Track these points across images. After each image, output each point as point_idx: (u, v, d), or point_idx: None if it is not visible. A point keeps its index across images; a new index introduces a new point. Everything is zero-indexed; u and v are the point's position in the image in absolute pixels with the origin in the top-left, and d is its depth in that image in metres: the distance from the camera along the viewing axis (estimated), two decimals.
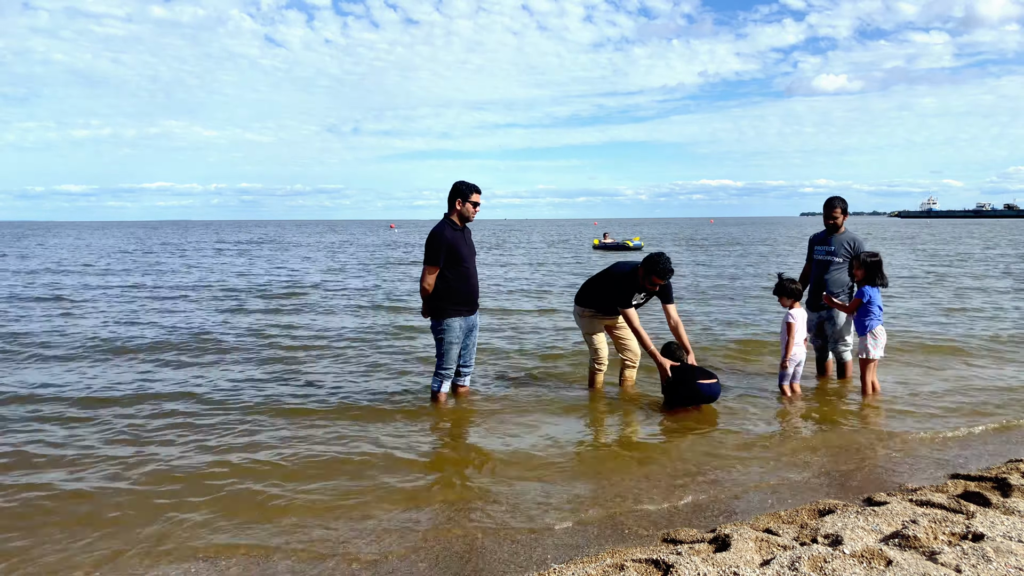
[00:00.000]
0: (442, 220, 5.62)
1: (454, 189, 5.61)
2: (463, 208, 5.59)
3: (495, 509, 3.86)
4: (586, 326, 6.26)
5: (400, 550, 3.39)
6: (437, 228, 5.55)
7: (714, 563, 2.91)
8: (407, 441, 4.98)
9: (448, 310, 5.54)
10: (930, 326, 9.80)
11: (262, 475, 4.36)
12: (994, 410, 5.68)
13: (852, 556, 2.93)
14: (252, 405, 5.91)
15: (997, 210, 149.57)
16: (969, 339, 8.76)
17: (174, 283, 17.24)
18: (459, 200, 5.58)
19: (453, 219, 5.61)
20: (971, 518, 3.35)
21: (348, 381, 6.80)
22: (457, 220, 5.62)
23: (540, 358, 7.83)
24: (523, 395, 6.23)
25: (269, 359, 7.85)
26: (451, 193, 5.62)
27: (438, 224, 5.59)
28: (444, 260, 5.48)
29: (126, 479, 4.31)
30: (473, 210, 5.61)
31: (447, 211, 5.65)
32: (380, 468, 4.46)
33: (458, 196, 5.58)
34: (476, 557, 3.34)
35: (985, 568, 2.80)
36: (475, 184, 5.63)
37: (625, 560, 3.04)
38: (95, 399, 6.12)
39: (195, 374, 7.15)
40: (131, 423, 5.43)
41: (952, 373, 7.02)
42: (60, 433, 5.20)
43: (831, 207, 6.46)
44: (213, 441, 5.00)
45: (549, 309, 12.11)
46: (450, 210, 5.63)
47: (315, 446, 4.88)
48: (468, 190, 5.59)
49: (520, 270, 21.57)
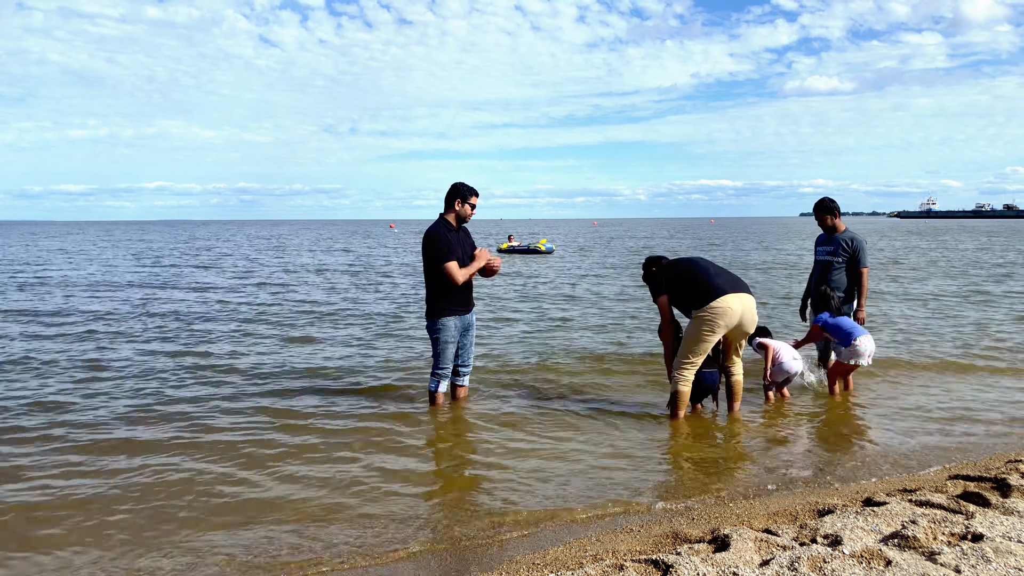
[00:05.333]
0: (437, 220, 5.62)
1: (453, 190, 5.62)
2: (461, 209, 5.61)
3: (494, 510, 3.86)
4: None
5: (393, 556, 3.39)
6: (433, 229, 5.54)
7: (713, 563, 2.90)
8: (403, 444, 4.97)
9: (444, 309, 5.55)
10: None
11: (253, 482, 4.32)
12: (994, 412, 5.68)
13: (851, 556, 2.93)
14: (239, 409, 5.88)
15: (996, 210, 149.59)
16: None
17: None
18: (458, 201, 5.60)
19: (449, 219, 5.61)
20: (970, 518, 3.35)
21: (345, 383, 6.80)
22: (453, 221, 5.62)
23: (539, 360, 7.83)
24: (519, 397, 6.23)
25: (263, 362, 7.84)
26: (450, 193, 5.63)
27: (433, 225, 5.59)
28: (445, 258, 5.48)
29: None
30: (471, 212, 5.64)
31: (443, 211, 5.65)
32: (376, 473, 4.45)
33: (457, 197, 5.60)
34: (473, 557, 3.34)
35: (985, 568, 2.80)
36: (473, 186, 5.66)
37: (624, 560, 3.04)
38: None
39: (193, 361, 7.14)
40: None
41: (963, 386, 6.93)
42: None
43: (820, 215, 6.46)
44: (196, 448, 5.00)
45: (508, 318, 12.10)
46: (447, 210, 5.63)
47: (312, 450, 4.86)
48: (468, 192, 5.62)
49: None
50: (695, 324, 5.22)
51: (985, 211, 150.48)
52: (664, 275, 5.44)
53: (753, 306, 5.30)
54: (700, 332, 5.20)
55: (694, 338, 5.23)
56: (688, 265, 5.44)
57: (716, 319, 5.12)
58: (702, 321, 5.16)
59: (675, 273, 5.42)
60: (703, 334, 5.19)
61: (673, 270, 5.45)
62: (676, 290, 5.37)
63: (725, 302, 5.10)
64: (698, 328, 5.20)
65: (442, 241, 5.46)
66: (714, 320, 5.12)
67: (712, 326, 5.15)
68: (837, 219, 6.43)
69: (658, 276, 5.46)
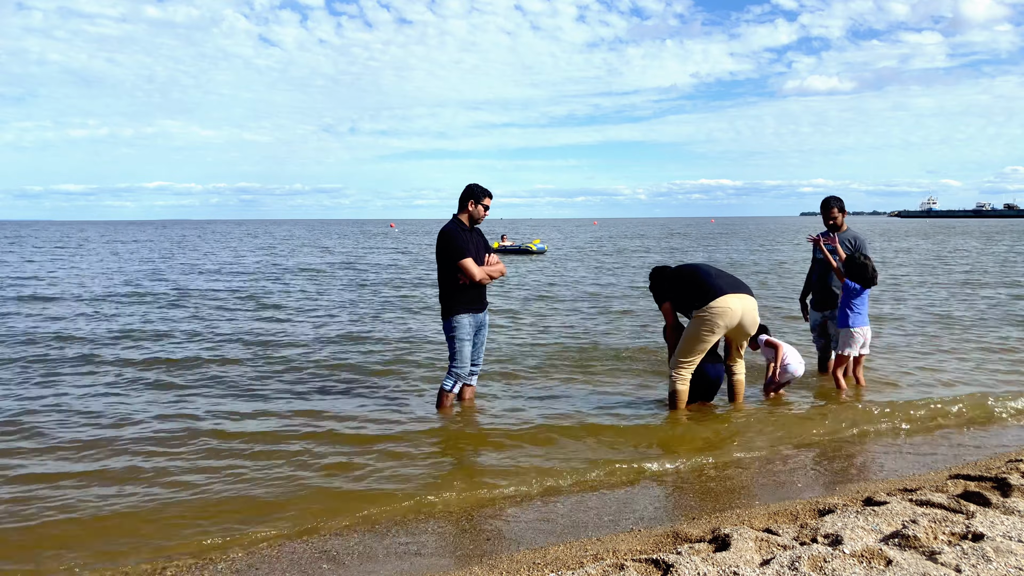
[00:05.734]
0: (451, 221, 5.64)
1: (468, 191, 5.65)
2: (475, 210, 5.63)
3: (491, 512, 3.86)
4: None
5: (394, 559, 3.39)
6: (448, 228, 5.56)
7: (714, 563, 2.91)
8: (405, 443, 4.96)
9: (458, 307, 5.55)
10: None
11: (255, 481, 4.32)
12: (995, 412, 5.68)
13: (852, 556, 2.93)
14: (241, 413, 5.88)
15: (997, 210, 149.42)
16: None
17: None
18: (471, 202, 5.62)
19: (462, 219, 5.64)
20: (971, 518, 3.35)
21: (349, 385, 6.80)
22: (466, 221, 5.65)
23: (539, 359, 7.83)
24: (519, 398, 6.23)
25: (267, 367, 7.84)
26: (464, 194, 5.65)
27: (447, 225, 5.61)
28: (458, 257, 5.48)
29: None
30: (484, 213, 5.67)
31: (456, 211, 5.67)
32: (375, 474, 4.44)
33: (471, 198, 5.62)
34: (474, 557, 3.34)
35: (985, 568, 2.80)
36: (487, 188, 5.70)
37: (625, 559, 3.04)
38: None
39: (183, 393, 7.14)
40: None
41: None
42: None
43: (828, 207, 6.50)
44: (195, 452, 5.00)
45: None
46: (460, 210, 5.66)
47: (307, 453, 4.83)
48: (482, 193, 5.65)
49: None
50: (695, 324, 5.26)
51: (986, 211, 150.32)
52: (667, 281, 5.56)
53: (754, 307, 5.33)
54: (699, 332, 5.24)
55: (693, 338, 5.27)
56: (690, 269, 5.56)
57: (716, 319, 5.15)
58: (702, 321, 5.20)
59: (677, 277, 5.54)
60: (702, 334, 5.23)
61: (675, 275, 5.57)
62: (678, 293, 5.46)
63: (725, 302, 5.14)
64: (698, 328, 5.24)
65: (457, 239, 5.48)
66: (713, 320, 5.16)
67: (712, 326, 5.18)
68: (843, 216, 6.50)
69: (661, 283, 5.59)
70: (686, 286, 5.40)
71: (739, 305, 5.21)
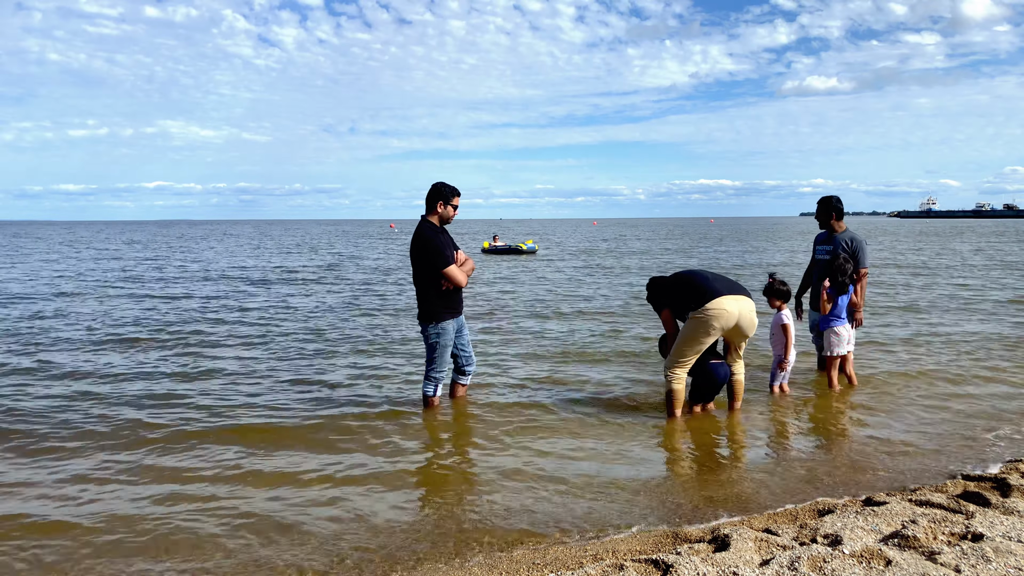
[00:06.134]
0: (422, 223, 5.49)
1: (435, 191, 5.49)
2: (444, 211, 5.49)
3: (490, 512, 3.86)
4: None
5: (386, 565, 3.39)
6: (424, 233, 5.42)
7: (714, 563, 2.90)
8: (398, 451, 4.94)
9: (442, 313, 5.47)
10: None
11: (243, 489, 4.34)
12: (994, 413, 5.68)
13: (852, 556, 2.93)
14: (224, 420, 5.87)
15: (997, 210, 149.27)
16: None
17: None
18: (440, 203, 5.48)
19: (432, 221, 5.50)
20: (971, 518, 3.35)
21: (336, 389, 6.80)
22: (436, 222, 5.52)
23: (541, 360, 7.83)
24: (517, 397, 6.23)
25: (261, 367, 7.84)
26: (431, 194, 5.50)
27: (420, 229, 5.47)
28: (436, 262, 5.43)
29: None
30: (453, 213, 5.54)
31: (425, 212, 5.53)
32: (374, 479, 4.45)
33: (440, 198, 5.48)
34: (474, 557, 3.34)
35: (984, 568, 2.80)
36: (455, 187, 5.55)
37: (625, 560, 3.04)
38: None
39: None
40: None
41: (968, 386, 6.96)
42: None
43: (824, 208, 6.48)
44: (181, 456, 4.99)
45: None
46: (429, 211, 5.51)
47: (305, 457, 4.84)
48: (451, 193, 5.50)
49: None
50: (690, 325, 5.26)
51: (985, 211, 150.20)
52: (664, 288, 5.58)
53: (752, 309, 5.33)
54: (695, 333, 5.24)
55: (688, 339, 5.28)
56: (687, 274, 5.57)
57: (711, 320, 5.15)
58: (698, 322, 5.21)
59: (674, 283, 5.55)
60: (698, 335, 5.24)
61: (672, 281, 5.58)
62: (676, 298, 5.47)
63: (720, 304, 5.14)
64: (693, 329, 5.24)
65: (438, 246, 5.36)
66: (709, 321, 5.16)
67: (707, 327, 5.18)
68: (839, 221, 6.46)
69: (659, 291, 5.61)
70: (683, 290, 5.41)
71: (735, 307, 5.21)
